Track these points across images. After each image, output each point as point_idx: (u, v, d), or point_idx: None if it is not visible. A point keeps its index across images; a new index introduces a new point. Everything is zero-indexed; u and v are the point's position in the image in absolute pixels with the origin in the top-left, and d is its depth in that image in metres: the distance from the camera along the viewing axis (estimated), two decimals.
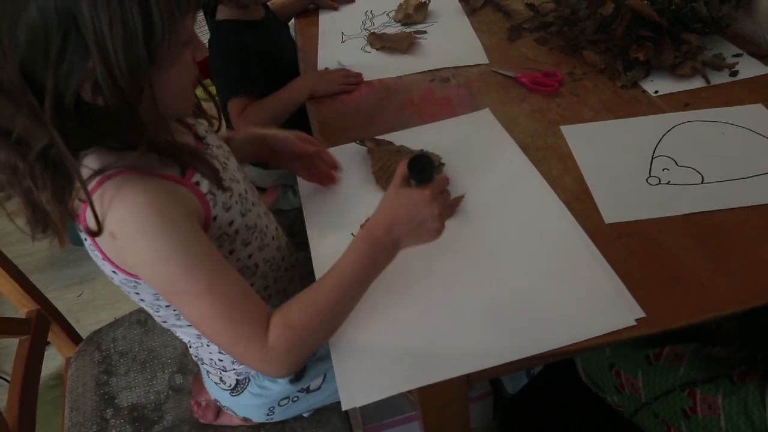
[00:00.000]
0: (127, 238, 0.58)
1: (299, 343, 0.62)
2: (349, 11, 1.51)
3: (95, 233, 0.57)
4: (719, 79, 1.05)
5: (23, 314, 1.04)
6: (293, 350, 0.62)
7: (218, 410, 0.93)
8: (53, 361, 1.39)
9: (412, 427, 1.19)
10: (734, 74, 1.05)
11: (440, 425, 0.74)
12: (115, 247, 0.59)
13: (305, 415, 0.92)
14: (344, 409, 0.63)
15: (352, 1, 1.55)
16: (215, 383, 0.86)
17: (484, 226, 0.82)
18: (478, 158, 0.94)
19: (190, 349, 0.84)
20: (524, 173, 0.89)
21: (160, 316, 0.73)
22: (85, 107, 0.55)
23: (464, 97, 1.10)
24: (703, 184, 0.83)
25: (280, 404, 0.86)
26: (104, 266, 0.64)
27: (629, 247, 0.75)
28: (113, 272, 0.64)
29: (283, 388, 0.84)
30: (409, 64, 1.23)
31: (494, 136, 0.98)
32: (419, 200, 0.67)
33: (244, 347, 0.62)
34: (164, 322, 0.75)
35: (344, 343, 0.68)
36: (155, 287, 0.62)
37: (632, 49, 1.07)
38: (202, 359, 0.83)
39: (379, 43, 1.30)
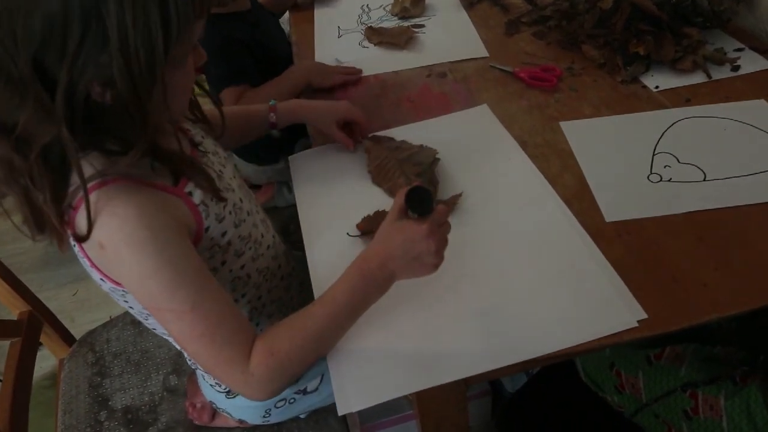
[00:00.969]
0: (114, 250, 0.57)
1: (281, 370, 0.61)
2: (345, 5, 1.49)
3: (82, 238, 0.56)
4: (721, 74, 1.04)
5: (15, 316, 1.02)
6: (274, 377, 0.61)
7: (214, 412, 0.92)
8: (47, 360, 1.38)
9: (409, 426, 1.19)
10: (736, 69, 1.04)
11: (438, 425, 0.73)
12: (103, 257, 0.59)
13: (302, 416, 0.91)
14: (340, 414, 0.62)
15: None
16: (211, 385, 0.85)
17: (481, 226, 0.80)
18: (475, 156, 0.92)
19: (184, 352, 0.83)
20: (523, 171, 0.88)
21: (149, 323, 0.72)
22: (93, 104, 0.54)
23: (461, 92, 1.08)
24: (705, 181, 0.82)
25: (276, 406, 0.85)
26: (93, 273, 0.63)
27: (630, 246, 0.74)
28: (101, 280, 0.63)
29: None
30: (407, 58, 1.21)
31: (492, 132, 0.97)
32: (416, 235, 0.63)
33: (223, 370, 0.61)
34: (154, 329, 0.74)
35: (340, 347, 0.67)
36: (139, 300, 0.61)
37: (632, 43, 1.06)
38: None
39: (376, 37, 1.28)
